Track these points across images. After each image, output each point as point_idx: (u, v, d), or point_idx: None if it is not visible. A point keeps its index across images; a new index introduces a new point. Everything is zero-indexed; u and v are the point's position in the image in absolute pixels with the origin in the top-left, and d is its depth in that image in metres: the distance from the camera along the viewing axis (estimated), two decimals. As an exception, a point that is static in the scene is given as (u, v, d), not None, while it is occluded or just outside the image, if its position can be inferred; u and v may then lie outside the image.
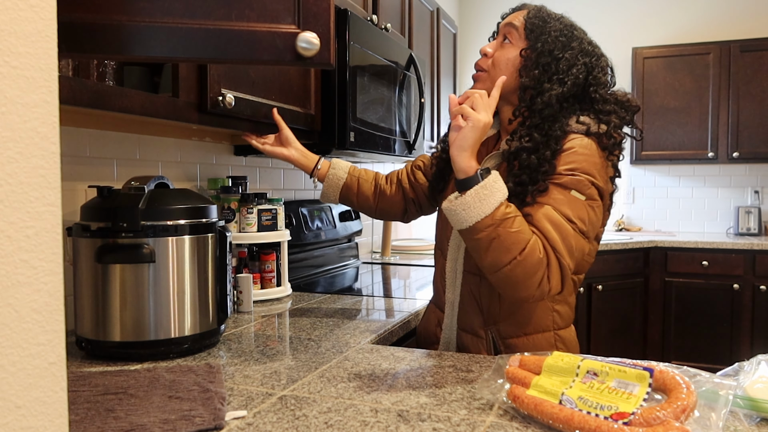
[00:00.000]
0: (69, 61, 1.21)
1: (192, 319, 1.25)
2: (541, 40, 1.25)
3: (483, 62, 1.31)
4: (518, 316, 1.28)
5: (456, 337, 1.36)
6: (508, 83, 1.26)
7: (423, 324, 1.50)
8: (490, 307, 1.29)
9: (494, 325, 1.30)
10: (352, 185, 1.55)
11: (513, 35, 1.28)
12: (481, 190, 1.08)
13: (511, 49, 1.28)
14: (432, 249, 3.18)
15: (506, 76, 1.25)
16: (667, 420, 0.76)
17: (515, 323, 1.29)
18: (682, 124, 3.98)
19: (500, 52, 1.29)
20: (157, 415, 0.89)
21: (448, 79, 3.36)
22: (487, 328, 1.30)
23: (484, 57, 1.31)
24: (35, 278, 0.51)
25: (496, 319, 1.29)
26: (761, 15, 4.12)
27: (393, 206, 1.57)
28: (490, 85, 1.26)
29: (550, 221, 1.12)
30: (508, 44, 1.29)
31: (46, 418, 0.52)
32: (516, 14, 1.32)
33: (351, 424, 0.88)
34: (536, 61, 1.24)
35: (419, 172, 1.55)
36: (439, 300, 1.41)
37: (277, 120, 1.58)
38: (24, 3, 0.50)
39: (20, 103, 0.50)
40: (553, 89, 1.21)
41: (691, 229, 4.38)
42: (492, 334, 1.30)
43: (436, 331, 1.41)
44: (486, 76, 1.29)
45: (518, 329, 1.29)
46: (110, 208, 1.20)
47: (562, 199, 1.13)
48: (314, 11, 0.91)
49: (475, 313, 1.31)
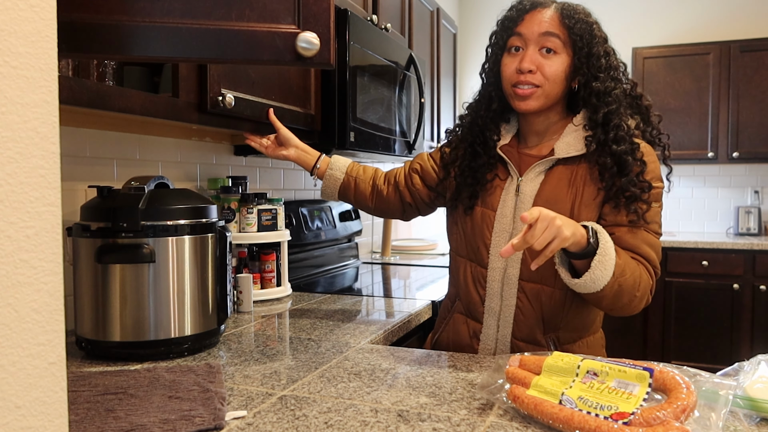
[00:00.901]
0: (69, 61, 1.21)
1: (192, 319, 1.25)
2: (592, 44, 1.23)
3: (533, 78, 1.24)
4: (577, 321, 1.30)
5: (510, 346, 1.30)
6: (559, 92, 1.26)
7: (450, 336, 1.40)
8: (553, 315, 1.27)
9: (554, 331, 1.28)
10: (349, 185, 1.53)
11: (556, 44, 1.23)
12: (602, 258, 1.10)
13: (558, 58, 1.24)
14: (432, 249, 3.18)
15: (559, 87, 1.25)
16: (667, 420, 0.76)
17: (574, 328, 1.30)
18: (682, 124, 3.98)
19: (549, 65, 1.23)
20: (157, 415, 0.89)
21: (448, 79, 3.36)
22: (546, 336, 1.28)
23: (530, 73, 1.24)
24: (35, 278, 0.51)
25: (557, 325, 1.28)
26: (761, 15, 4.12)
27: (390, 207, 1.53)
28: (545, 101, 1.25)
29: (648, 245, 1.21)
30: (553, 55, 1.23)
31: (46, 418, 0.52)
32: (541, 17, 1.24)
33: (351, 424, 0.88)
34: (596, 66, 1.23)
35: (416, 176, 1.48)
36: (475, 310, 1.34)
37: (273, 121, 1.56)
38: (24, 3, 0.50)
39: (20, 103, 0.50)
40: (616, 87, 1.23)
41: (691, 229, 4.38)
42: (552, 341, 1.29)
43: (472, 343, 1.34)
44: (541, 92, 1.24)
45: (575, 334, 1.30)
46: (110, 208, 1.20)
47: (650, 214, 1.21)
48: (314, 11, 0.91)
49: (535, 322, 1.27)
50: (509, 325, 1.29)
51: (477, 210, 1.33)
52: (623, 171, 1.20)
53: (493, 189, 1.32)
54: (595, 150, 1.23)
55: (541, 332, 1.28)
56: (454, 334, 1.39)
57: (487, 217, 1.31)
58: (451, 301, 1.43)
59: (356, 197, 1.54)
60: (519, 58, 1.25)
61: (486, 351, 1.32)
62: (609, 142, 1.21)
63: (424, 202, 1.50)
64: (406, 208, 1.52)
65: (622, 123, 1.22)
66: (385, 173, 1.56)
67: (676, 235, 4.09)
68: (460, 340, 1.37)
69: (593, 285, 1.11)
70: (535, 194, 1.26)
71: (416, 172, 1.49)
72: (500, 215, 1.29)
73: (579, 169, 1.26)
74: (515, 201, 1.28)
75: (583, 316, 1.30)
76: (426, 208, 1.52)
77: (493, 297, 1.30)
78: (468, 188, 1.34)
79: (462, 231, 1.37)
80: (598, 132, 1.23)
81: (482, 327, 1.33)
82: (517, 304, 1.28)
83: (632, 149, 1.21)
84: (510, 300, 1.28)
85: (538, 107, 1.26)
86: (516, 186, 1.29)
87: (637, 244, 1.20)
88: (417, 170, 1.49)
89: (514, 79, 1.26)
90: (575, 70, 1.25)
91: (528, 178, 1.28)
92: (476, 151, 1.34)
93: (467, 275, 1.35)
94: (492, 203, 1.31)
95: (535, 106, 1.25)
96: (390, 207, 1.53)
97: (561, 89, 1.26)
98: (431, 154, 1.50)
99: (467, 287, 1.35)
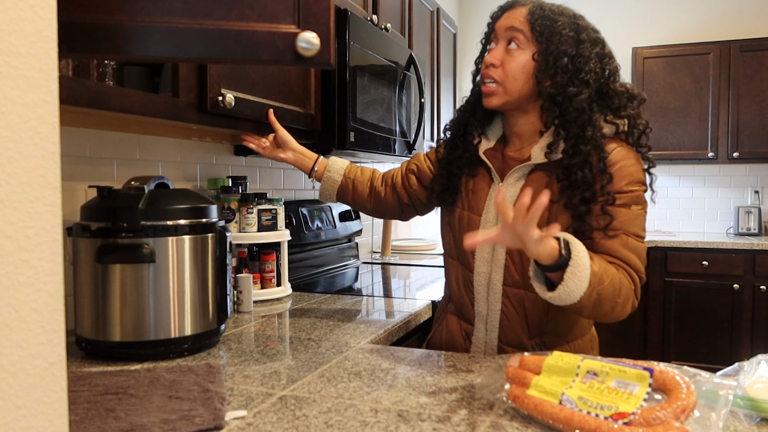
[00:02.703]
0: (69, 61, 1.21)
1: (192, 319, 1.25)
2: (553, 41, 1.18)
3: (493, 72, 1.22)
4: (562, 326, 1.29)
5: (498, 351, 1.30)
6: (522, 90, 1.22)
7: (444, 336, 1.40)
8: (538, 320, 1.27)
9: (539, 336, 1.28)
10: (347, 187, 1.53)
11: (519, 39, 1.21)
12: (575, 269, 1.05)
13: (521, 54, 1.21)
14: (432, 249, 3.19)
15: (520, 84, 1.21)
16: (667, 420, 0.76)
17: (560, 333, 1.29)
18: (682, 124, 3.98)
19: (510, 61, 1.21)
20: (157, 415, 0.89)
21: (448, 79, 3.36)
22: (532, 340, 1.28)
23: (492, 67, 1.22)
24: (35, 278, 0.51)
25: (542, 330, 1.28)
26: (761, 15, 4.12)
27: (388, 208, 1.54)
28: (506, 98, 1.22)
29: (627, 248, 1.15)
30: (515, 50, 1.21)
31: (46, 418, 0.52)
32: (513, 14, 1.23)
33: (351, 424, 0.88)
34: (553, 65, 1.17)
35: (413, 177, 1.48)
36: (467, 313, 1.34)
37: (272, 122, 1.56)
38: (24, 3, 0.50)
39: (20, 103, 0.50)
40: (581, 93, 1.17)
41: (691, 229, 4.38)
42: (538, 346, 1.28)
43: (465, 344, 1.35)
44: (500, 90, 1.22)
45: (561, 337, 1.30)
46: (110, 208, 1.20)
47: (628, 219, 1.16)
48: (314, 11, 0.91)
49: (520, 326, 1.28)
50: (496, 329, 1.30)
51: (464, 214, 1.33)
52: (574, 185, 1.16)
53: (477, 193, 1.32)
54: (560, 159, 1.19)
55: (526, 337, 1.28)
56: (448, 335, 1.40)
57: (473, 221, 1.31)
58: (446, 301, 1.44)
59: (354, 199, 1.54)
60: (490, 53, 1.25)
61: (477, 353, 1.33)
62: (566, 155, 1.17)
63: (422, 203, 1.50)
64: (404, 209, 1.53)
65: (581, 134, 1.16)
66: (383, 174, 1.56)
67: (676, 235, 4.09)
68: (454, 341, 1.38)
69: (568, 297, 1.07)
70: (516, 199, 1.23)
71: (413, 172, 1.49)
72: (484, 221, 1.29)
73: (553, 174, 1.22)
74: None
75: (569, 320, 1.29)
76: (424, 208, 1.53)
77: (480, 301, 1.31)
78: (441, 181, 1.34)
79: (452, 235, 1.36)
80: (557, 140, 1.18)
81: (474, 329, 1.34)
82: (502, 309, 1.28)
83: (587, 162, 1.15)
84: (495, 305, 1.29)
85: (500, 104, 1.24)
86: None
87: (616, 248, 1.15)
88: (413, 171, 1.49)
89: (481, 74, 1.26)
90: (538, 68, 1.20)
91: (508, 183, 1.27)
92: (455, 144, 1.34)
93: (458, 278, 1.36)
94: (477, 208, 1.31)
95: (496, 103, 1.24)
96: (388, 208, 1.54)
97: (524, 87, 1.21)
98: (427, 154, 1.50)
99: (459, 290, 1.36)
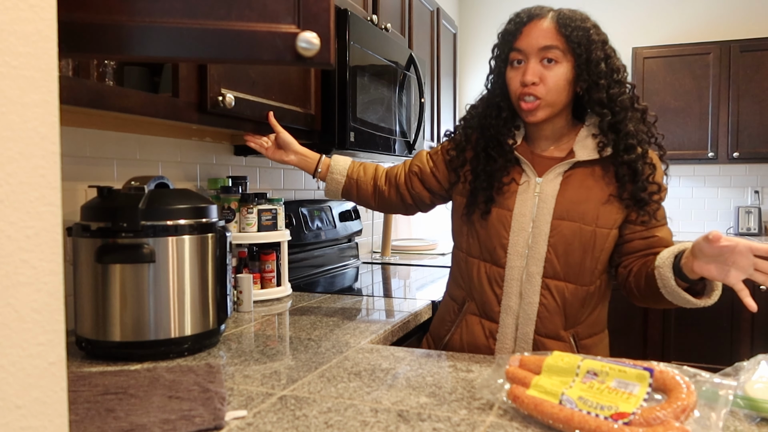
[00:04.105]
0: (69, 61, 1.21)
1: (192, 319, 1.25)
2: (591, 49, 1.24)
3: (534, 90, 1.25)
4: (593, 318, 1.35)
5: (533, 343, 1.31)
6: (564, 100, 1.28)
7: (466, 337, 1.39)
8: (575, 312, 1.31)
9: (573, 327, 1.32)
10: (351, 187, 1.55)
11: (555, 54, 1.25)
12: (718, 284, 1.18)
13: (559, 67, 1.25)
14: (432, 249, 3.18)
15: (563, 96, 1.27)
16: (667, 420, 0.76)
17: (591, 324, 1.34)
18: (682, 124, 3.98)
19: (550, 76, 1.25)
20: (157, 415, 0.89)
21: (448, 79, 3.36)
22: (567, 331, 1.32)
23: (533, 85, 1.25)
24: (35, 278, 0.51)
25: (578, 321, 1.32)
26: (761, 15, 4.11)
27: (393, 205, 1.57)
28: (550, 111, 1.28)
29: (670, 236, 1.35)
30: (553, 65, 1.25)
31: (46, 418, 0.52)
32: (538, 30, 1.26)
33: (351, 424, 0.88)
34: (595, 72, 1.24)
35: (416, 179, 1.50)
36: (491, 310, 1.35)
37: (273, 124, 1.57)
38: (24, 3, 0.50)
39: (20, 103, 0.50)
40: (623, 93, 1.27)
41: (691, 229, 4.37)
42: (572, 336, 1.32)
43: (489, 343, 1.35)
44: (543, 103, 1.27)
45: (591, 329, 1.35)
46: (110, 208, 1.20)
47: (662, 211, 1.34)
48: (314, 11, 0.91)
49: (559, 317, 1.31)
50: (531, 322, 1.31)
51: (492, 211, 1.34)
52: (636, 178, 1.27)
53: (507, 190, 1.34)
54: (609, 156, 1.28)
55: (563, 328, 1.31)
56: (469, 335, 1.38)
57: (503, 217, 1.32)
58: (458, 303, 1.42)
59: (359, 198, 1.58)
60: (521, 71, 1.27)
61: (504, 350, 1.34)
62: (620, 151, 1.26)
63: (425, 203, 1.54)
64: (407, 207, 1.57)
65: (630, 130, 1.26)
66: (386, 171, 1.57)
67: (677, 235, 4.05)
68: (476, 341, 1.37)
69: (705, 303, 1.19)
70: (557, 195, 1.29)
71: (416, 175, 1.50)
72: (518, 214, 1.31)
73: (596, 170, 1.30)
74: (535, 201, 1.30)
75: (599, 313, 1.36)
76: (426, 207, 1.56)
77: (510, 296, 1.32)
78: (484, 192, 1.35)
79: (476, 233, 1.37)
80: (608, 138, 1.27)
81: (498, 326, 1.34)
82: (541, 301, 1.30)
83: (643, 154, 1.27)
84: (532, 297, 1.30)
85: (545, 117, 1.29)
86: (534, 187, 1.31)
87: (668, 237, 1.32)
88: (416, 173, 1.50)
89: (519, 92, 1.28)
90: (577, 76, 1.27)
91: (548, 179, 1.31)
92: (490, 156, 1.35)
93: (481, 275, 1.35)
94: (507, 204, 1.33)
95: (542, 117, 1.29)
96: (392, 205, 1.58)
97: (565, 97, 1.28)
98: (430, 155, 1.50)
99: (482, 287, 1.36)
